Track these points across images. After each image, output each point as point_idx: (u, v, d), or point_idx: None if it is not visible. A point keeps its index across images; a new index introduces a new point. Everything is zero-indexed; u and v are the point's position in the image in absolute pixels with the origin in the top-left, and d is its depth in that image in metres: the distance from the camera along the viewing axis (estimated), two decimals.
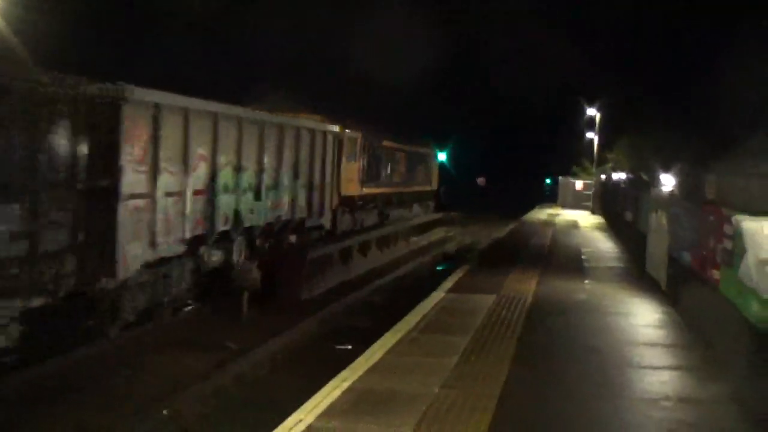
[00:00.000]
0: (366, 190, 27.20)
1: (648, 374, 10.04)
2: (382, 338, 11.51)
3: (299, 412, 8.07)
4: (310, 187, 20.39)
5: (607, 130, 50.33)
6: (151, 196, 12.87)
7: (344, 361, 10.48)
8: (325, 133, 21.48)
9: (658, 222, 17.23)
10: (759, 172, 9.72)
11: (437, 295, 15.36)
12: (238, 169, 16.10)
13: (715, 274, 10.56)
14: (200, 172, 14.62)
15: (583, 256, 23.40)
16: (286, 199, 18.83)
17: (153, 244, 12.97)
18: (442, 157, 44.32)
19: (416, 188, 36.50)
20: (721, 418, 8.45)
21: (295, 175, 19.29)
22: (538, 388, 9.28)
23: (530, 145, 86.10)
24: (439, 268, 25.80)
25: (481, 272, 19.09)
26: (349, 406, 8.31)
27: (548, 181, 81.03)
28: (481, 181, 65.09)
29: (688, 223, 13.02)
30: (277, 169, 18.14)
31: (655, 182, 19.46)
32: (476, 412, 8.17)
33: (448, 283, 17.03)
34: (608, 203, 40.55)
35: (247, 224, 16.75)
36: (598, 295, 16.00)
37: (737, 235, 8.81)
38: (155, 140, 12.92)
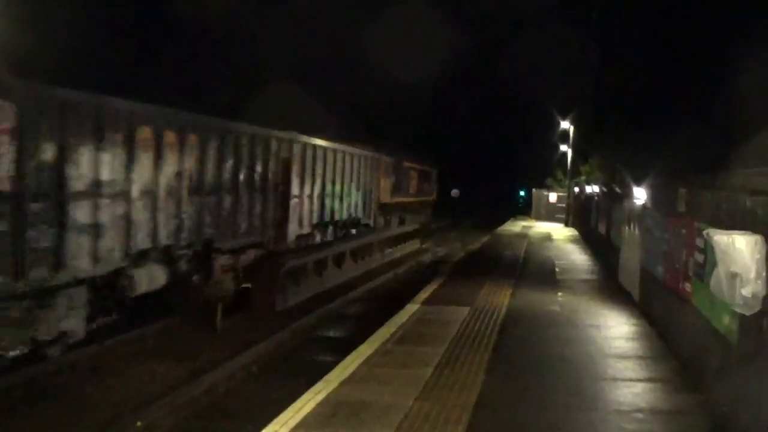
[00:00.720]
0: (393, 200, 34.94)
1: (621, 386, 10.11)
2: (357, 350, 11.52)
3: (273, 424, 8.06)
4: (364, 196, 28.54)
5: (580, 143, 50.72)
6: (300, 197, 21.50)
7: (319, 372, 10.48)
8: (372, 158, 29.63)
9: (630, 235, 17.40)
10: (729, 184, 9.83)
11: (412, 307, 15.39)
12: (332, 182, 24.43)
13: (687, 286, 10.68)
14: (318, 183, 23.01)
15: (556, 269, 23.54)
16: (353, 204, 27.08)
17: (301, 225, 21.87)
18: None
19: (423, 198, 44.39)
20: (692, 429, 8.56)
21: (357, 188, 27.48)
22: (512, 400, 9.33)
23: (504, 157, 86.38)
24: (413, 279, 25.80)
25: (456, 284, 19.15)
26: (324, 418, 8.31)
27: (522, 193, 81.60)
28: (455, 193, 65.35)
29: (661, 236, 13.15)
30: (349, 183, 26.35)
31: (628, 195, 19.60)
32: (450, 424, 8.20)
33: (423, 295, 17.07)
34: (582, 216, 40.88)
35: (336, 218, 25.29)
36: (571, 308, 16.10)
37: (708, 249, 8.91)
38: (302, 163, 21.60)
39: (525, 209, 65.29)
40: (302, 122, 24.70)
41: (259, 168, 18.67)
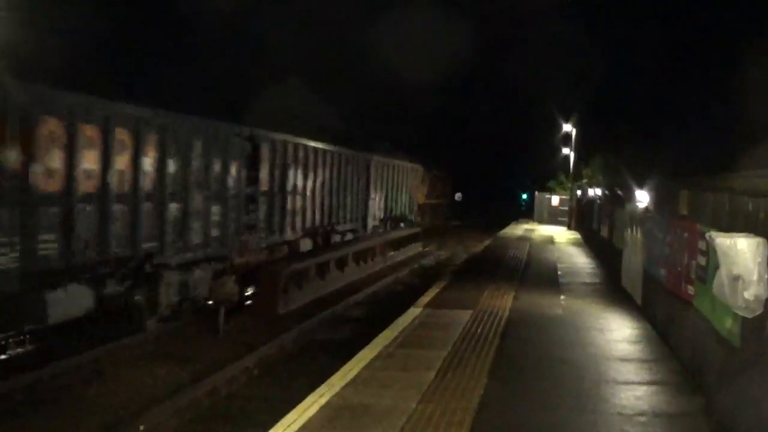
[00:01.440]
0: (426, 201, 45.41)
1: (623, 389, 10.10)
2: (359, 353, 11.51)
3: (276, 428, 8.05)
4: (409, 199, 37.56)
5: (582, 146, 50.74)
6: (375, 199, 30.79)
7: (321, 375, 10.48)
8: (413, 169, 39.20)
9: (633, 238, 17.38)
10: (729, 186, 9.85)
11: (414, 311, 15.37)
12: (392, 188, 33.68)
13: (690, 289, 10.66)
14: (383, 187, 32.17)
15: (559, 272, 23.52)
16: (403, 204, 36.23)
17: (374, 219, 30.76)
18: None
19: (443, 200, 55.37)
20: None
21: (405, 192, 36.53)
22: (514, 403, 9.32)
23: (506, 160, 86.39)
24: (416, 282, 25.81)
25: (458, 287, 19.13)
26: (327, 421, 8.30)
27: (525, 196, 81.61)
28: (457, 196, 65.40)
29: (663, 238, 13.14)
30: (400, 189, 35.65)
31: (630, 198, 19.61)
32: (453, 427, 8.20)
33: (425, 299, 17.05)
34: (584, 219, 40.85)
35: (394, 214, 34.32)
36: (574, 311, 16.09)
37: (711, 251, 8.90)
38: (378, 175, 31.08)
39: (527, 212, 65.27)
40: (309, 127, 25.69)
41: (217, 168, 17.01)
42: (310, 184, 23.31)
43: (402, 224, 36.25)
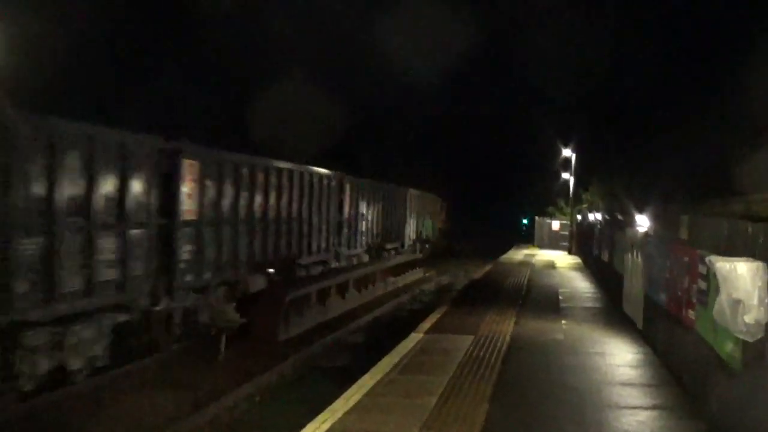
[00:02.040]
0: (443, 226, 53.12)
1: (625, 413, 10.08)
2: (361, 379, 11.50)
3: None
4: (432, 224, 45.20)
5: (582, 171, 50.83)
6: (410, 222, 39.45)
7: (323, 402, 10.46)
8: (433, 199, 47.31)
9: (633, 262, 17.39)
10: (728, 211, 9.89)
11: (415, 336, 15.36)
12: (420, 214, 40.86)
13: (690, 313, 10.67)
14: (415, 214, 39.24)
15: (560, 297, 23.50)
16: (428, 227, 42.87)
17: (409, 239, 38.77)
18: None
19: (449, 223, 58.76)
20: None
21: (429, 218, 43.80)
22: (516, 428, 9.31)
23: (507, 185, 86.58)
24: (416, 308, 25.79)
25: (459, 313, 19.11)
26: None
27: (525, 221, 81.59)
28: None
29: (663, 263, 13.16)
30: (426, 215, 43.07)
31: (630, 222, 19.63)
32: None
33: (426, 324, 17.03)
34: (585, 243, 40.83)
35: (420, 236, 40.76)
36: (575, 335, 16.07)
37: (711, 276, 8.92)
38: (412, 204, 38.46)
39: (528, 237, 65.26)
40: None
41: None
42: (371, 212, 30.66)
43: (427, 245, 43.40)
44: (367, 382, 11.33)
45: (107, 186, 13.50)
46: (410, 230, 39.76)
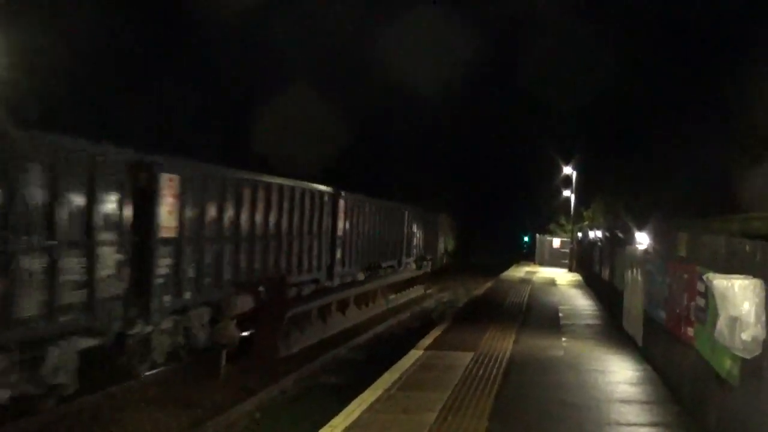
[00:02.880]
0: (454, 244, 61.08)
1: (625, 431, 10.10)
2: (361, 396, 11.52)
3: None
4: (444, 242, 52.06)
5: (583, 188, 50.92)
6: (441, 240, 53.03)
7: (323, 418, 10.48)
8: (446, 217, 52.70)
9: (633, 279, 17.44)
10: (727, 228, 9.93)
11: (415, 353, 15.38)
12: (445, 233, 53.32)
13: (689, 331, 10.71)
14: (443, 233, 53.33)
15: (560, 314, 23.51)
16: (449, 243, 56.11)
17: (438, 252, 52.00)
18: None
19: (456, 241, 64.96)
20: None
21: (449, 236, 55.76)
22: None
23: (507, 202, 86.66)
24: (417, 325, 25.80)
25: (459, 329, 19.13)
26: None
27: (526, 238, 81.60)
28: None
29: (662, 280, 13.21)
30: (447, 234, 54.99)
31: (630, 240, 19.68)
32: None
33: (427, 341, 17.05)
34: (585, 261, 40.86)
35: (447, 250, 54.46)
36: (575, 353, 16.08)
37: (709, 293, 8.97)
38: (441, 226, 51.55)
39: (529, 254, 65.30)
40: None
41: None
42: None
43: (426, 262, 44.12)
44: (367, 398, 11.35)
45: (442, 229, 15.80)
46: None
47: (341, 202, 27.08)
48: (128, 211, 14.07)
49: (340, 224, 27.02)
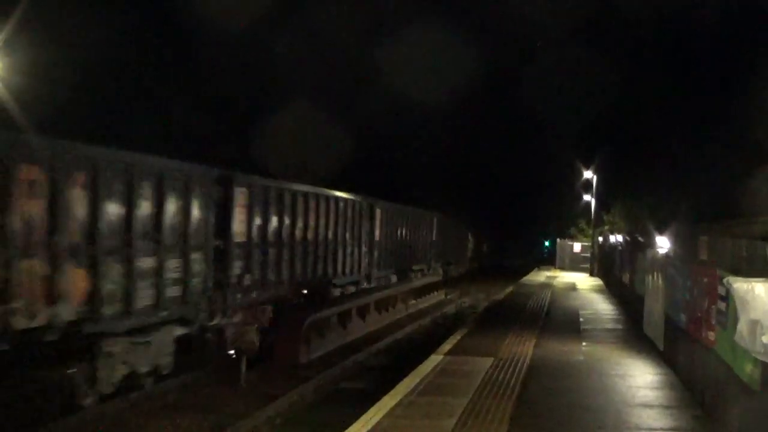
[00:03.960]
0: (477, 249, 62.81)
1: None
2: (380, 401, 11.54)
3: None
4: (468, 247, 55.46)
5: (603, 192, 50.69)
6: (470, 246, 60.37)
7: (343, 424, 10.51)
8: (474, 231, 58.14)
9: (654, 284, 17.35)
10: (749, 232, 9.90)
11: (435, 358, 15.38)
12: (472, 241, 59.02)
13: (711, 335, 10.65)
14: (471, 240, 57.35)
15: (580, 318, 23.42)
16: (465, 251, 53.48)
17: (465, 257, 57.52)
18: None
19: (479, 246, 66.10)
20: None
21: (475, 243, 58.86)
22: None
23: (528, 207, 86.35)
24: (437, 330, 25.77)
25: (479, 335, 19.11)
26: None
27: (547, 243, 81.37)
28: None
29: (683, 284, 13.14)
30: (462, 238, 53.11)
31: (651, 244, 19.61)
32: None
33: (447, 346, 17.05)
34: (606, 265, 40.68)
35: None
36: (595, 357, 16.02)
37: (729, 296, 8.93)
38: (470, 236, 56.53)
39: (550, 259, 65.09)
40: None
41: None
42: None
43: (450, 266, 45.55)
44: (386, 403, 11.37)
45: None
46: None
47: (377, 211, 28.89)
48: (211, 219, 16.01)
49: (377, 231, 28.88)
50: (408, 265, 34.07)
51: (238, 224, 17.12)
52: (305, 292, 20.86)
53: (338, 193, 24.22)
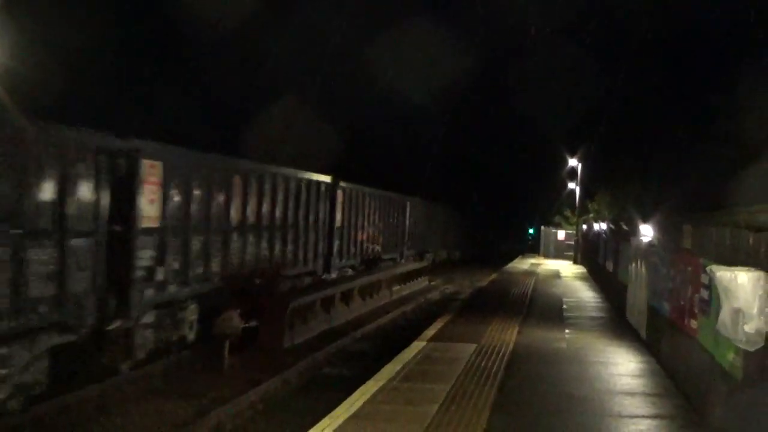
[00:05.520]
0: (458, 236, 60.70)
1: (627, 422, 10.10)
2: (363, 386, 11.54)
3: None
4: (446, 232, 52.76)
5: (588, 181, 50.80)
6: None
7: (325, 409, 10.50)
8: (451, 209, 55.08)
9: (637, 272, 17.42)
10: (733, 220, 9.91)
11: (418, 344, 15.39)
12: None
13: (693, 323, 10.69)
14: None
15: (564, 306, 23.51)
16: (445, 237, 52.48)
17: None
18: None
19: (461, 233, 62.95)
20: None
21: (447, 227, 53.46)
22: None
23: (512, 195, 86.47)
24: (421, 317, 25.79)
25: (463, 321, 19.14)
26: None
27: (531, 231, 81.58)
28: None
29: (666, 272, 13.18)
30: (442, 225, 50.99)
31: (634, 232, 19.65)
32: None
33: (430, 332, 17.07)
34: (590, 253, 40.84)
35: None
36: (578, 345, 16.08)
37: (712, 285, 8.95)
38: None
39: (534, 247, 65.32)
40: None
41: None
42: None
43: (427, 254, 43.76)
44: (369, 389, 11.37)
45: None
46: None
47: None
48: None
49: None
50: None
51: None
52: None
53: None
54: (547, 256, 55.93)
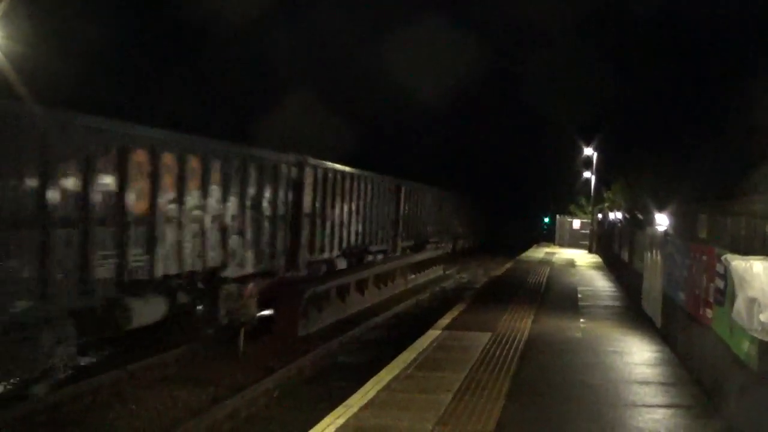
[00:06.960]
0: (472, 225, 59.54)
1: (642, 412, 10.08)
2: (378, 375, 11.57)
3: None
4: (459, 221, 51.04)
5: (604, 170, 50.60)
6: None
7: (340, 397, 10.54)
8: (463, 197, 52.79)
9: (652, 261, 17.36)
10: (749, 210, 9.88)
11: (433, 333, 15.41)
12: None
13: (708, 312, 10.65)
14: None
15: (579, 295, 23.46)
16: (457, 227, 49.58)
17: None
18: None
19: (475, 222, 61.76)
20: None
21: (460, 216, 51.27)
22: (531, 425, 9.34)
23: (528, 184, 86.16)
24: (435, 305, 25.82)
25: (477, 310, 19.14)
26: None
27: (546, 219, 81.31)
28: None
29: (681, 261, 13.14)
30: (453, 213, 48.21)
31: (650, 221, 19.59)
32: None
33: (445, 321, 17.08)
34: (605, 242, 40.73)
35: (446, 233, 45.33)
36: (593, 334, 16.05)
37: (727, 274, 8.92)
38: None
39: (549, 236, 65.17)
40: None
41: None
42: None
43: (445, 242, 44.64)
44: (384, 377, 11.40)
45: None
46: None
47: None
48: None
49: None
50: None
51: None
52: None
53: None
54: (562, 245, 55.78)
